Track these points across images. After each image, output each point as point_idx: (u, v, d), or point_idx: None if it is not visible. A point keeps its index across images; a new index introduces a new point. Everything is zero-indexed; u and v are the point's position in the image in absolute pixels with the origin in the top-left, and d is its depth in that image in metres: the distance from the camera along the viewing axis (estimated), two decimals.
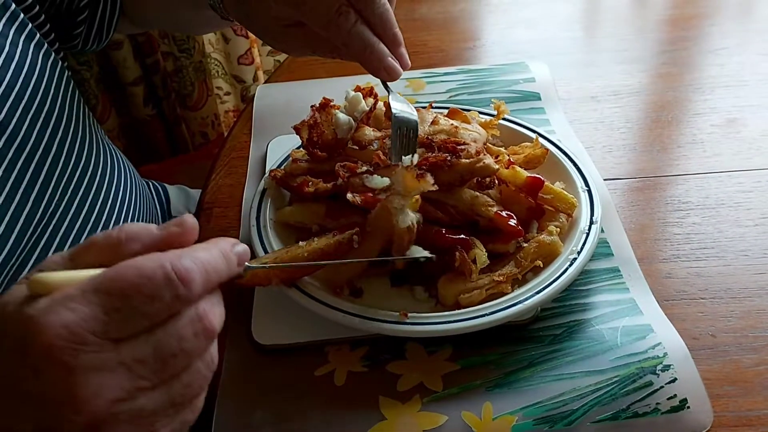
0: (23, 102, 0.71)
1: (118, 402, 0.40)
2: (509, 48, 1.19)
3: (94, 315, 0.40)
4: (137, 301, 0.41)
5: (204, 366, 0.45)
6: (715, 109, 0.99)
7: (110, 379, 0.40)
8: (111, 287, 0.41)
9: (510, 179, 0.74)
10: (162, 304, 0.42)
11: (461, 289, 0.69)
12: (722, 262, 0.75)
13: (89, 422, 0.40)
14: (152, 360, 0.42)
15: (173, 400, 0.43)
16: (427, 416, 0.63)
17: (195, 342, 0.44)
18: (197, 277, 0.43)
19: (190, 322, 0.43)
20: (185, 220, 0.48)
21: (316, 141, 0.80)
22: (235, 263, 0.49)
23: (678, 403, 0.62)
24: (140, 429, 0.42)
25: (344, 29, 0.68)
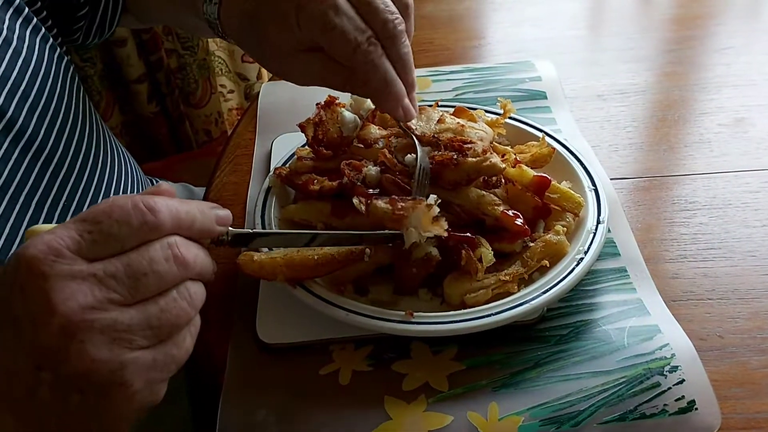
0: (30, 97, 0.71)
1: (90, 309, 0.44)
2: (515, 46, 1.18)
3: (70, 235, 0.44)
4: (107, 224, 0.45)
5: (180, 297, 0.48)
6: (723, 109, 0.98)
7: (83, 286, 0.44)
8: (86, 215, 0.46)
9: (517, 178, 0.74)
10: (130, 228, 0.45)
11: (467, 288, 0.68)
12: (730, 262, 0.75)
13: (63, 325, 0.43)
14: (123, 275, 0.45)
15: (149, 322, 0.46)
16: (433, 416, 0.63)
17: (166, 266, 0.47)
18: (164, 209, 0.47)
19: (161, 248, 0.47)
20: (161, 184, 0.51)
21: (322, 139, 0.80)
22: (213, 219, 0.52)
23: (686, 404, 0.62)
24: (116, 343, 0.44)
25: (370, 61, 0.66)
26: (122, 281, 0.45)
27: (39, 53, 0.73)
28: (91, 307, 0.44)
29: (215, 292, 0.77)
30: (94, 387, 0.45)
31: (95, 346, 0.44)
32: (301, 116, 0.83)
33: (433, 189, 0.71)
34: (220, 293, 0.77)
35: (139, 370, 0.45)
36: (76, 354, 0.43)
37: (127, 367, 0.45)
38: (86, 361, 0.44)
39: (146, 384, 0.46)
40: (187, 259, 0.48)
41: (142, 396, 0.47)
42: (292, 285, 0.69)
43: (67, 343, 0.43)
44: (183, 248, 0.48)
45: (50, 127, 0.72)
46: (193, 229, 0.50)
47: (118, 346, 0.44)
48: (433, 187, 0.71)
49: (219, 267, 0.79)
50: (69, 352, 0.43)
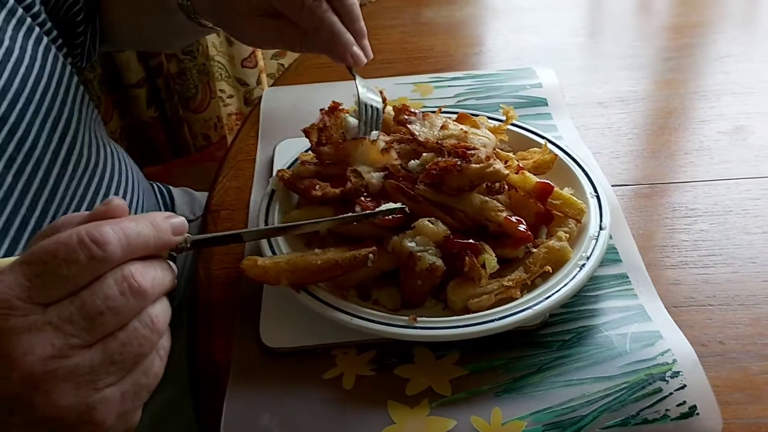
0: (23, 97, 0.71)
1: (50, 359, 0.42)
2: (515, 53, 1.19)
3: (18, 282, 0.43)
4: (54, 265, 0.43)
5: (142, 325, 0.46)
6: (722, 116, 0.99)
7: (40, 337, 0.42)
8: (31, 257, 0.44)
9: (519, 184, 0.74)
10: (79, 266, 0.44)
11: (470, 293, 0.69)
12: (730, 269, 0.75)
13: (25, 379, 0.42)
14: (80, 318, 0.44)
15: (112, 358, 0.45)
16: (436, 421, 0.63)
17: (122, 300, 0.45)
18: (113, 239, 0.45)
19: (114, 282, 0.45)
20: (111, 200, 0.49)
21: (325, 144, 0.80)
22: (168, 231, 0.50)
23: (687, 409, 0.62)
24: (82, 387, 0.44)
25: (317, 15, 0.73)
26: (79, 324, 0.44)
27: (32, 53, 0.74)
28: (51, 357, 0.43)
29: (218, 297, 0.78)
30: (66, 429, 0.44)
31: (60, 393, 0.43)
32: (303, 122, 0.83)
33: (438, 194, 0.71)
34: (223, 298, 0.77)
35: (109, 407, 0.45)
36: (42, 403, 0.43)
37: (95, 407, 0.44)
38: (53, 408, 0.43)
39: (118, 417, 0.46)
40: (144, 288, 0.46)
41: (116, 428, 0.46)
42: (295, 289, 0.69)
43: (32, 393, 0.43)
44: (138, 276, 0.46)
45: (42, 125, 0.72)
46: (149, 248, 0.49)
47: (84, 389, 0.44)
48: (438, 192, 0.71)
49: (222, 272, 0.80)
50: (35, 401, 0.43)
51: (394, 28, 1.28)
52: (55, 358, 0.43)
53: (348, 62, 0.76)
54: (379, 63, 1.16)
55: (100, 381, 0.44)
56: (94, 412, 0.44)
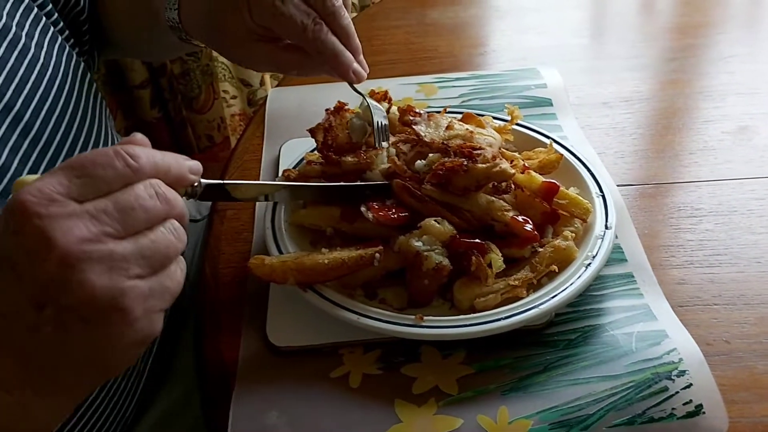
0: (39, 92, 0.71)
1: (87, 241, 0.46)
2: (519, 54, 1.19)
3: (59, 181, 0.47)
4: (92, 168, 0.48)
5: (167, 231, 0.50)
6: (727, 117, 0.99)
7: (78, 222, 0.46)
8: (71, 163, 0.48)
9: (525, 184, 0.74)
10: (115, 171, 0.48)
11: (477, 293, 0.69)
12: (735, 268, 0.76)
13: (63, 257, 0.45)
14: (113, 211, 0.47)
15: (142, 252, 0.48)
16: (443, 419, 0.63)
17: (151, 202, 0.49)
18: (143, 156, 0.50)
19: (144, 187, 0.49)
20: (135, 135, 0.53)
21: (331, 144, 0.81)
22: (186, 169, 0.55)
23: (693, 408, 0.62)
24: (115, 272, 0.47)
25: (319, 38, 0.75)
26: (113, 216, 0.47)
27: (48, 50, 0.74)
28: (88, 240, 0.46)
29: (225, 296, 0.78)
30: (97, 314, 0.46)
31: (96, 274, 0.45)
32: (309, 122, 0.83)
33: (444, 194, 0.71)
34: (230, 297, 0.78)
35: (138, 297, 0.47)
36: (77, 283, 0.45)
37: (126, 294, 0.47)
38: (88, 288, 0.45)
39: (145, 312, 0.48)
40: (170, 197, 0.51)
41: (141, 324, 0.48)
42: (302, 288, 0.69)
43: (68, 273, 0.45)
44: (165, 188, 0.51)
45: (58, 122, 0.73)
46: (170, 175, 0.52)
47: (116, 274, 0.46)
48: (444, 192, 0.72)
49: (229, 271, 0.80)
50: (71, 283, 0.45)
51: (399, 29, 1.28)
52: (91, 242, 0.46)
53: (351, 80, 0.79)
54: (383, 63, 1.17)
55: (131, 269, 0.47)
56: (125, 298, 0.47)
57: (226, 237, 0.85)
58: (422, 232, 0.69)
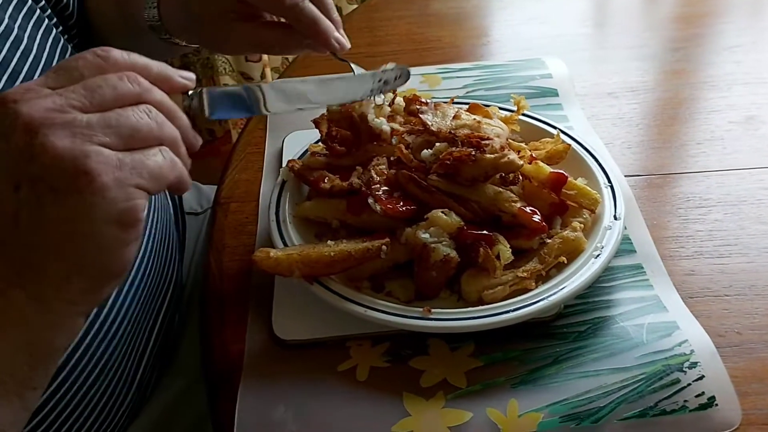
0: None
1: (50, 110, 0.47)
2: (523, 44, 1.18)
3: (38, 80, 0.50)
4: (67, 64, 0.50)
5: (140, 110, 0.50)
6: (733, 106, 0.98)
7: (45, 99, 0.48)
8: (54, 67, 0.51)
9: (533, 175, 0.73)
10: (86, 62, 0.50)
11: (485, 285, 0.68)
12: (746, 258, 0.75)
13: (26, 123, 0.46)
14: (80, 89, 0.49)
15: (108, 122, 0.48)
16: (452, 413, 0.63)
17: (120, 83, 0.50)
18: (118, 53, 0.51)
19: (115, 73, 0.50)
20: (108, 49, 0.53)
21: (335, 135, 0.80)
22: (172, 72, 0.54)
23: (706, 400, 0.62)
24: (78, 137, 0.47)
25: (297, 5, 0.74)
26: (79, 92, 0.49)
27: (41, 43, 0.73)
28: (52, 109, 0.47)
29: (230, 289, 0.77)
30: (63, 180, 0.46)
31: (58, 138, 0.46)
32: (312, 113, 0.82)
33: (451, 185, 0.71)
34: (235, 290, 0.77)
35: (104, 162, 0.47)
36: (40, 147, 0.46)
37: (89, 156, 0.47)
38: (50, 150, 0.46)
39: (116, 182, 0.47)
40: (142, 82, 0.51)
41: (114, 195, 0.47)
42: (308, 281, 0.68)
43: (32, 139, 0.46)
44: (139, 77, 0.51)
45: None
46: (150, 73, 0.53)
47: (80, 138, 0.47)
48: (451, 183, 0.71)
49: (234, 264, 0.80)
50: (34, 148, 0.46)
51: (401, 20, 1.27)
52: (55, 111, 0.47)
53: (334, 47, 0.77)
54: (386, 54, 1.16)
55: (95, 137, 0.48)
56: (88, 160, 0.46)
57: (230, 230, 0.84)
58: (429, 224, 0.69)
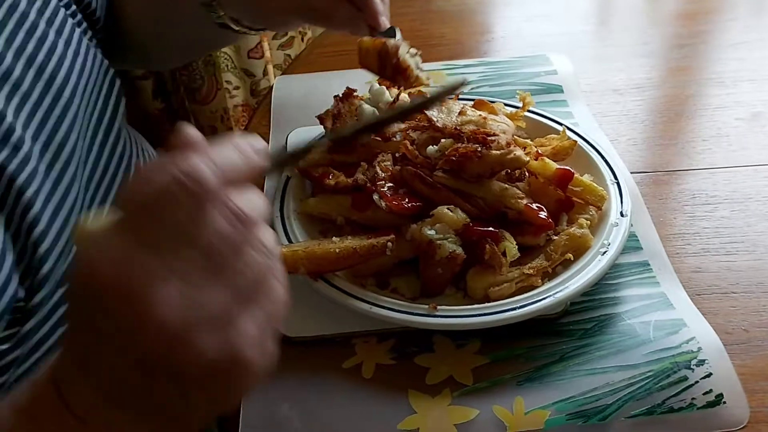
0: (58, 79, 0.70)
1: (181, 307, 0.41)
2: (527, 41, 1.17)
3: (129, 240, 0.41)
4: (159, 212, 0.42)
5: (255, 251, 0.44)
6: (740, 103, 0.97)
7: (166, 287, 0.41)
8: (134, 210, 0.42)
9: (539, 171, 0.73)
10: (182, 209, 0.42)
11: (491, 282, 0.68)
12: (753, 256, 0.75)
13: (168, 338, 0.40)
14: (198, 257, 0.42)
15: (237, 290, 0.43)
16: (458, 410, 0.62)
17: (232, 230, 0.43)
18: (206, 170, 0.42)
19: (219, 214, 0.43)
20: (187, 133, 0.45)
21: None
22: (252, 153, 0.47)
23: (714, 398, 0.61)
24: (220, 328, 0.42)
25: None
26: (198, 264, 0.42)
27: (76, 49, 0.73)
28: (181, 305, 0.41)
29: None
30: (216, 379, 0.43)
31: (202, 340, 0.41)
32: (316, 110, 0.82)
33: (456, 181, 0.70)
34: None
35: (251, 343, 0.43)
36: (188, 357, 0.41)
37: (239, 347, 0.42)
38: (200, 359, 0.41)
39: (261, 352, 0.44)
40: (248, 214, 0.44)
41: (260, 364, 0.44)
42: (313, 278, 0.68)
43: (174, 348, 0.41)
44: (240, 204, 0.44)
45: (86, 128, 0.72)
46: (240, 174, 0.46)
47: (222, 330, 0.42)
48: (457, 179, 0.70)
49: None
50: (180, 357, 0.41)
51: (405, 17, 1.26)
52: (189, 307, 0.41)
53: (380, 25, 0.79)
54: None
55: (233, 317, 0.43)
56: (240, 351, 0.42)
57: None
58: (435, 221, 0.68)
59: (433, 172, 0.71)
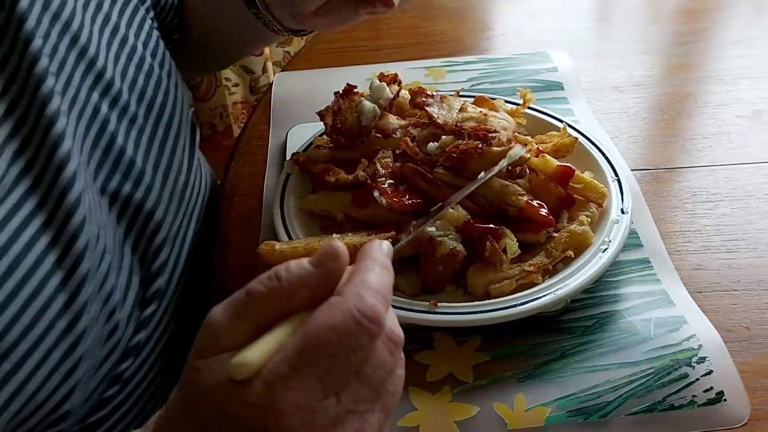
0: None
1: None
2: (527, 38, 1.17)
3: (312, 386, 0.42)
4: (343, 358, 0.43)
5: (401, 370, 0.48)
6: (740, 101, 0.97)
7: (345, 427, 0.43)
8: (315, 355, 0.43)
9: (540, 168, 0.73)
10: (363, 350, 0.44)
11: (491, 278, 0.68)
12: (754, 253, 0.74)
13: None
14: (368, 393, 0.45)
15: (386, 408, 0.46)
16: (459, 407, 0.62)
17: (392, 360, 0.46)
18: (382, 309, 0.45)
19: (384, 347, 0.45)
20: (336, 247, 0.46)
21: (340, 128, 0.79)
22: (390, 268, 0.50)
23: (714, 395, 0.61)
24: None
25: None
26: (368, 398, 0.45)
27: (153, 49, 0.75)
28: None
29: (233, 284, 0.76)
30: None
31: None
32: (316, 106, 0.82)
33: (457, 178, 0.70)
34: (238, 285, 0.75)
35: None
36: None
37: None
38: None
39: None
40: (402, 339, 0.47)
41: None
42: None
43: None
44: (397, 330, 0.47)
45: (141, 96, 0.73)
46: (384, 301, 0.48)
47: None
48: (457, 176, 0.70)
49: (237, 258, 0.79)
50: None
51: (405, 13, 1.26)
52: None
53: None
54: (390, 48, 1.15)
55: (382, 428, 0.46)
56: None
57: (234, 223, 0.84)
58: (436, 217, 0.68)
59: (434, 169, 0.71)
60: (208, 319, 0.45)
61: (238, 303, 0.45)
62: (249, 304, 0.45)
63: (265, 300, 0.45)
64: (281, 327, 0.45)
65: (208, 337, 0.45)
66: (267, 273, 0.45)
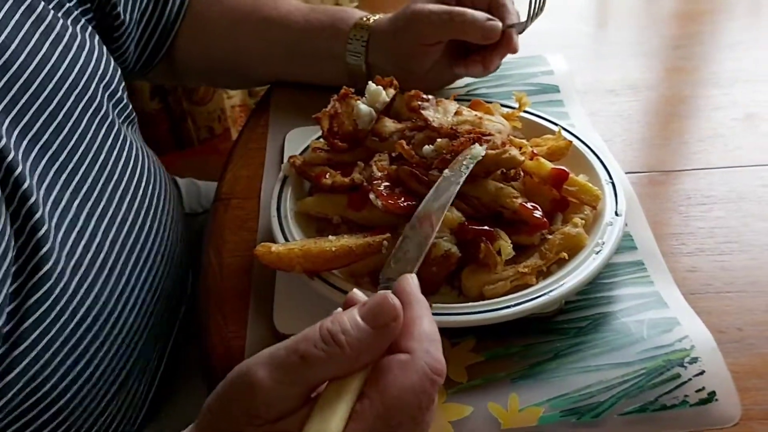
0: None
1: None
2: (523, 41, 1.16)
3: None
4: (420, 417, 0.45)
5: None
6: (735, 104, 0.98)
7: None
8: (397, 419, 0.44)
9: (534, 171, 0.73)
10: (433, 402, 0.46)
11: (485, 280, 0.68)
12: (747, 256, 0.75)
13: None
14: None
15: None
16: (453, 407, 0.63)
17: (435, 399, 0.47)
18: (444, 362, 0.47)
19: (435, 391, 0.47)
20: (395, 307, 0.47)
21: (337, 131, 0.80)
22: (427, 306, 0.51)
23: (706, 395, 0.62)
24: None
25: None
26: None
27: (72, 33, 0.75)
28: None
29: (230, 285, 0.77)
30: None
31: None
32: (314, 110, 0.82)
33: None
34: (235, 287, 0.77)
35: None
36: None
37: None
38: None
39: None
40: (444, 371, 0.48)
41: None
42: (309, 276, 0.69)
43: None
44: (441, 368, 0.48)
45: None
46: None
47: None
48: None
49: (234, 259, 0.80)
50: None
51: None
52: None
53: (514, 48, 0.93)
54: None
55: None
56: None
57: (231, 226, 0.84)
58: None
59: (429, 172, 0.71)
60: (253, 383, 0.44)
61: (292, 367, 0.44)
62: (306, 369, 0.44)
63: (324, 366, 0.45)
64: (341, 390, 0.45)
65: (260, 402, 0.44)
66: (319, 333, 0.45)
